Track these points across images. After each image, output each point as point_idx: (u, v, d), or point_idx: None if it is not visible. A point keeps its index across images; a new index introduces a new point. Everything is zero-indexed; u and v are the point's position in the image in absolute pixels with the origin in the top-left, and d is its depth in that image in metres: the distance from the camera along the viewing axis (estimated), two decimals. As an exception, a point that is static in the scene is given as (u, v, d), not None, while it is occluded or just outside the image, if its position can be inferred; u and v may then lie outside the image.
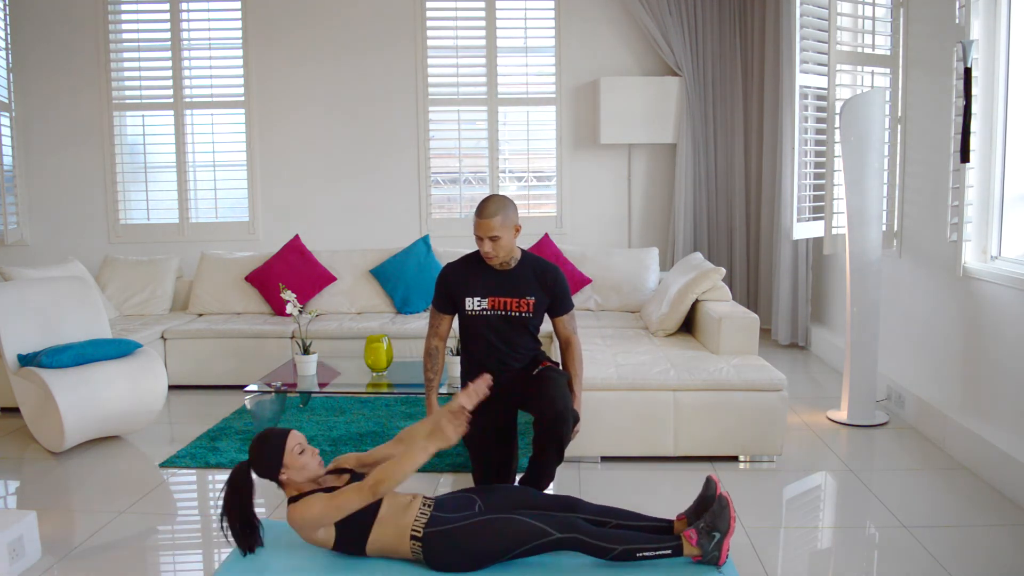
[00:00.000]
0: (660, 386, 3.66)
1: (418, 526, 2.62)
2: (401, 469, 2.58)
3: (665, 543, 2.63)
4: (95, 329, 4.29)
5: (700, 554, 2.61)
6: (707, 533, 2.63)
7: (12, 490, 3.68)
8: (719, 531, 2.62)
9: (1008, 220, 3.59)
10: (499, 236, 3.09)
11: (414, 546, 2.62)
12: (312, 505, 2.61)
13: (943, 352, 3.95)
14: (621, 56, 6.38)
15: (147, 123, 6.53)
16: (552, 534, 2.58)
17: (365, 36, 6.38)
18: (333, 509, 2.59)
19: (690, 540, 2.62)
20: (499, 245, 3.11)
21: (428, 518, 2.63)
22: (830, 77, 4.30)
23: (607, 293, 5.44)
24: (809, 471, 3.68)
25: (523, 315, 3.21)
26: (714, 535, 2.62)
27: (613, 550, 2.59)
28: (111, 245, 6.47)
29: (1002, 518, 3.09)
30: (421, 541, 2.61)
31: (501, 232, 3.09)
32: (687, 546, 2.62)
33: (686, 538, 2.62)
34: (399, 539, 2.63)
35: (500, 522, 2.62)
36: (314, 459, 2.72)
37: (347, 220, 6.50)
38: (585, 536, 2.59)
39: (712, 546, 2.61)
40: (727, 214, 6.42)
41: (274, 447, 2.68)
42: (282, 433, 2.72)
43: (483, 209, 3.10)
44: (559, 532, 2.58)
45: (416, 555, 2.63)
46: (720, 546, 2.61)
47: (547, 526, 2.59)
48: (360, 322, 5.22)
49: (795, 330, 5.96)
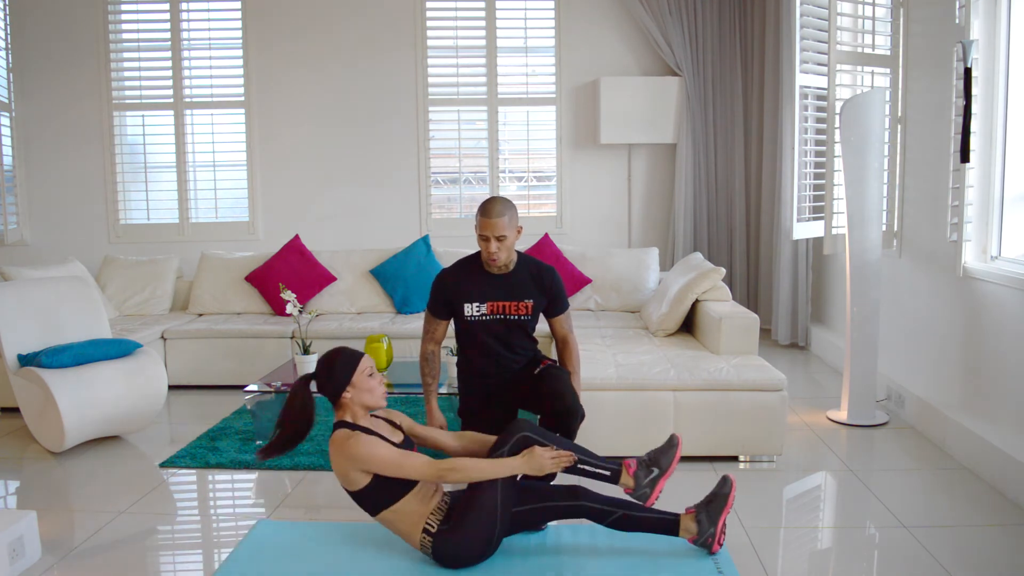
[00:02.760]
0: (660, 386, 3.66)
1: (433, 521, 2.63)
2: (480, 472, 2.59)
3: (608, 464, 2.73)
4: (95, 329, 4.29)
5: (633, 487, 2.67)
6: (645, 466, 2.70)
7: (12, 490, 3.68)
8: (659, 467, 2.70)
9: (1008, 220, 3.59)
10: (506, 236, 3.10)
11: (424, 540, 2.63)
12: (377, 449, 2.58)
13: (943, 352, 3.95)
14: (621, 56, 6.38)
15: (147, 123, 6.53)
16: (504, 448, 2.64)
17: (365, 36, 6.38)
18: (394, 465, 2.57)
19: (628, 468, 2.70)
20: (504, 246, 3.11)
21: (445, 514, 2.65)
22: (830, 77, 4.30)
23: (607, 293, 5.44)
24: (809, 471, 3.68)
25: (521, 318, 3.21)
26: (652, 470, 2.70)
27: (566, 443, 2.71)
28: (111, 245, 6.47)
29: (1002, 518, 3.09)
30: (432, 538, 2.61)
31: (508, 232, 3.10)
32: (624, 474, 2.70)
33: (625, 465, 2.71)
34: (414, 525, 2.63)
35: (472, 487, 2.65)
36: (381, 387, 2.72)
37: (347, 220, 6.50)
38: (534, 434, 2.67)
39: (647, 481, 2.67)
40: (727, 214, 6.42)
41: (347, 363, 2.67)
42: (356, 352, 2.73)
43: (490, 209, 3.09)
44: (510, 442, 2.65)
45: (425, 549, 2.64)
46: (654, 485, 2.67)
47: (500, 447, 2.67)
48: (360, 322, 5.22)
49: (795, 330, 5.97)
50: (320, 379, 2.69)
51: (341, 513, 3.27)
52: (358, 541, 2.87)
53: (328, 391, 2.68)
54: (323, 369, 2.69)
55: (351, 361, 2.68)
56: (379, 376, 2.73)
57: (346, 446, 2.59)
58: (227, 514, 3.46)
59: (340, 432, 2.64)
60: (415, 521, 2.63)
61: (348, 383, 2.66)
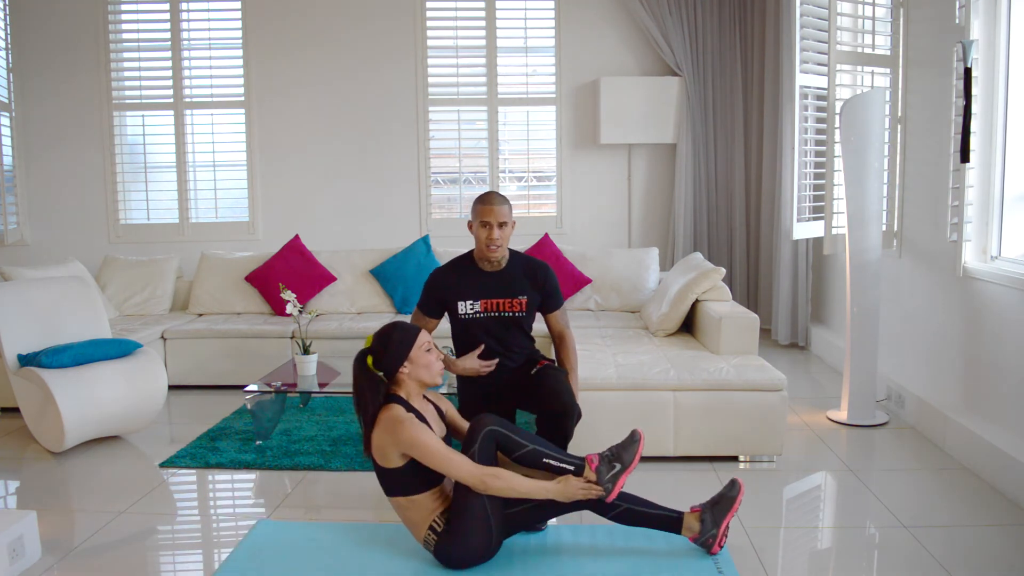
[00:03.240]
0: (660, 386, 3.66)
1: (440, 520, 2.63)
2: (516, 489, 2.58)
3: (571, 459, 2.69)
4: (95, 329, 4.29)
5: (596, 480, 2.64)
6: (608, 461, 2.67)
7: (12, 490, 3.68)
8: (621, 463, 2.66)
9: (1008, 220, 3.59)
10: (506, 223, 3.14)
11: (428, 536, 2.63)
12: (428, 439, 2.56)
13: (943, 352, 3.95)
14: (621, 56, 6.38)
15: (147, 123, 6.53)
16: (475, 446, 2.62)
17: (365, 36, 6.38)
18: (440, 459, 2.56)
19: (591, 463, 2.67)
20: (505, 234, 3.14)
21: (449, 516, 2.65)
22: (830, 77, 4.30)
23: (607, 293, 5.44)
24: (809, 471, 3.68)
25: (516, 315, 3.22)
26: (615, 465, 2.66)
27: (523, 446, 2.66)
28: (111, 245, 6.47)
29: (1002, 518, 3.09)
30: (437, 536, 2.62)
31: (508, 220, 3.15)
32: (587, 469, 2.66)
33: (588, 460, 2.68)
34: (423, 519, 2.64)
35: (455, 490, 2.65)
36: (438, 363, 2.71)
37: (347, 220, 6.50)
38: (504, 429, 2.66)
39: (609, 476, 2.64)
40: (727, 214, 6.42)
41: (405, 338, 2.67)
42: (415, 327, 2.72)
43: (490, 197, 3.16)
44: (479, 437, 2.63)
45: (427, 545, 2.65)
46: (616, 480, 2.64)
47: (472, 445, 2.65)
48: (360, 322, 5.22)
49: (795, 330, 5.96)
50: (377, 353, 2.67)
51: (341, 513, 3.27)
52: (358, 541, 2.87)
53: (385, 365, 2.67)
54: (380, 344, 2.67)
55: (409, 335, 2.68)
56: (436, 352, 2.73)
57: (398, 428, 2.57)
58: (227, 514, 3.46)
59: (396, 410, 2.61)
60: (425, 516, 2.64)
61: (406, 358, 2.65)
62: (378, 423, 2.62)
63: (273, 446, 3.96)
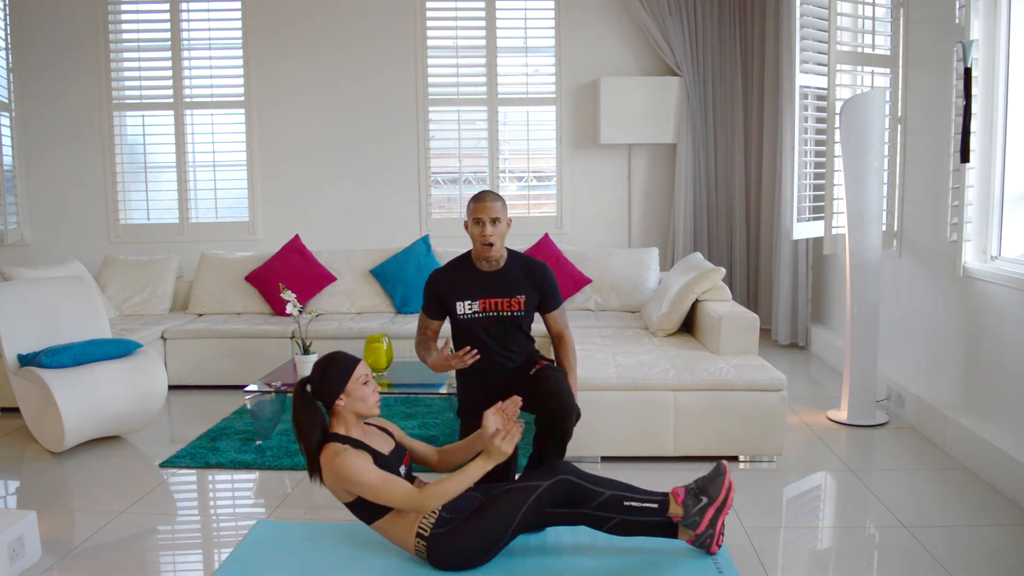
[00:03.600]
0: (660, 386, 3.66)
1: (425, 526, 2.62)
2: (453, 489, 2.58)
3: (654, 496, 2.65)
4: (95, 329, 4.29)
5: (682, 515, 2.62)
6: (695, 495, 2.64)
7: (12, 490, 3.68)
8: (708, 496, 2.63)
9: (1008, 220, 3.59)
10: (499, 219, 3.14)
11: (419, 544, 2.62)
12: (363, 474, 2.55)
13: (943, 352, 3.95)
14: (621, 56, 6.38)
15: (147, 123, 6.53)
16: (541, 484, 2.59)
17: (365, 36, 6.38)
18: (376, 493, 2.56)
19: (676, 497, 2.64)
20: (498, 231, 3.14)
21: (436, 518, 2.63)
22: (830, 77, 4.30)
23: (607, 293, 5.44)
24: (809, 471, 3.68)
25: (515, 314, 3.22)
26: (701, 499, 2.63)
27: (601, 494, 2.60)
28: (111, 245, 6.47)
29: (1002, 518, 3.09)
30: (427, 541, 2.61)
31: (502, 216, 3.15)
32: (672, 504, 2.63)
33: (673, 495, 2.65)
34: (405, 533, 2.63)
35: (494, 500, 2.64)
36: (374, 395, 2.69)
37: (347, 220, 6.50)
38: (574, 477, 2.61)
39: (696, 510, 2.61)
40: (727, 214, 6.42)
41: (342, 369, 2.65)
42: (352, 359, 2.69)
43: (482, 195, 3.17)
44: (547, 479, 2.60)
45: (420, 554, 2.64)
46: (703, 512, 2.61)
47: (535, 480, 2.62)
48: (360, 322, 5.22)
49: (795, 330, 5.97)
50: (314, 383, 2.67)
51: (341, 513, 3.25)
52: (358, 541, 2.87)
53: (322, 397, 2.67)
54: (318, 374, 2.67)
55: (346, 367, 2.66)
56: (373, 384, 2.71)
57: (334, 463, 2.58)
58: (227, 514, 3.46)
59: (331, 447, 2.62)
60: (407, 528, 2.63)
61: (342, 391, 2.64)
62: (322, 462, 2.63)
63: (273, 446, 3.96)
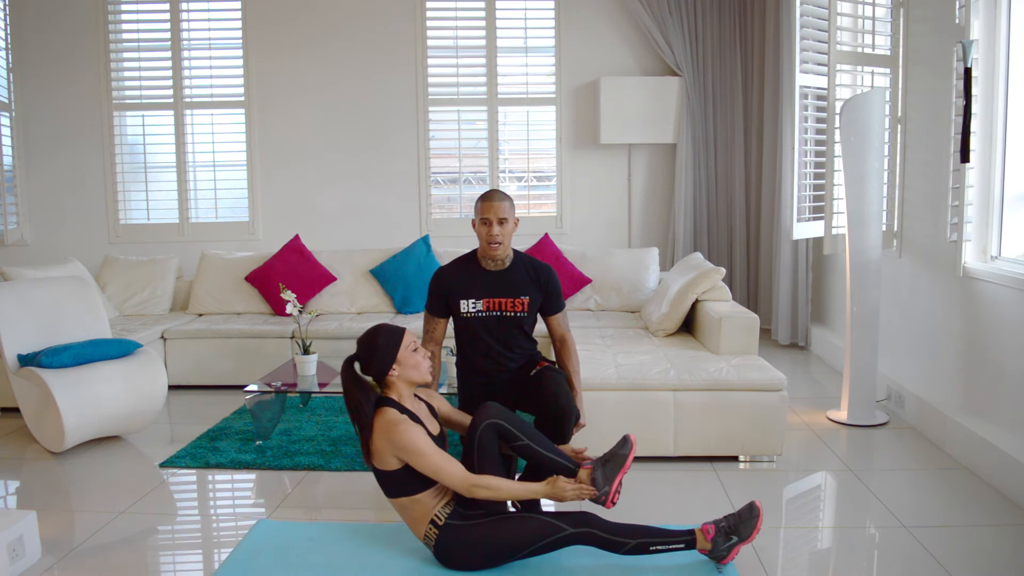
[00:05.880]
0: (660, 386, 3.66)
1: (441, 514, 2.63)
2: (508, 493, 2.59)
3: (678, 537, 2.62)
4: (95, 329, 4.29)
5: (710, 550, 2.62)
6: (725, 534, 2.63)
7: (12, 490, 3.68)
8: (738, 535, 2.63)
9: (1008, 220, 3.59)
10: (507, 219, 3.15)
11: (429, 531, 2.63)
12: (422, 445, 2.55)
13: (943, 352, 3.95)
14: (621, 56, 6.38)
15: (147, 123, 6.53)
16: (565, 529, 2.57)
17: (365, 36, 6.38)
18: (432, 468, 2.55)
19: (707, 535, 2.62)
20: (505, 231, 3.15)
21: (452, 511, 2.65)
22: (830, 77, 4.30)
23: (607, 293, 5.44)
24: (809, 471, 3.68)
25: (518, 315, 3.22)
26: (732, 538, 2.63)
27: (626, 544, 2.57)
28: (111, 245, 6.47)
29: (1002, 518, 3.09)
30: (439, 530, 2.61)
31: (509, 216, 3.16)
32: (701, 539, 2.62)
33: (704, 531, 2.63)
34: (424, 516, 2.64)
35: (515, 520, 2.63)
36: (426, 360, 2.68)
37: (347, 220, 6.50)
38: (599, 530, 2.58)
39: (724, 547, 2.62)
40: (727, 214, 6.42)
41: (390, 340, 2.63)
42: (398, 329, 2.68)
43: (490, 195, 3.18)
44: (572, 527, 2.58)
45: (427, 540, 2.64)
46: (731, 549, 2.62)
47: (561, 522, 2.59)
48: (360, 322, 5.22)
49: (795, 330, 5.97)
50: (363, 361, 2.65)
51: (341, 513, 3.27)
52: (358, 541, 2.87)
53: (373, 371, 2.64)
54: (365, 349, 2.64)
55: (394, 338, 2.65)
56: (423, 350, 2.70)
57: (393, 431, 2.56)
58: (227, 514, 3.46)
59: (390, 413, 2.60)
60: (425, 513, 2.63)
61: (394, 360, 2.63)
62: (375, 428, 2.61)
63: (273, 446, 3.96)
